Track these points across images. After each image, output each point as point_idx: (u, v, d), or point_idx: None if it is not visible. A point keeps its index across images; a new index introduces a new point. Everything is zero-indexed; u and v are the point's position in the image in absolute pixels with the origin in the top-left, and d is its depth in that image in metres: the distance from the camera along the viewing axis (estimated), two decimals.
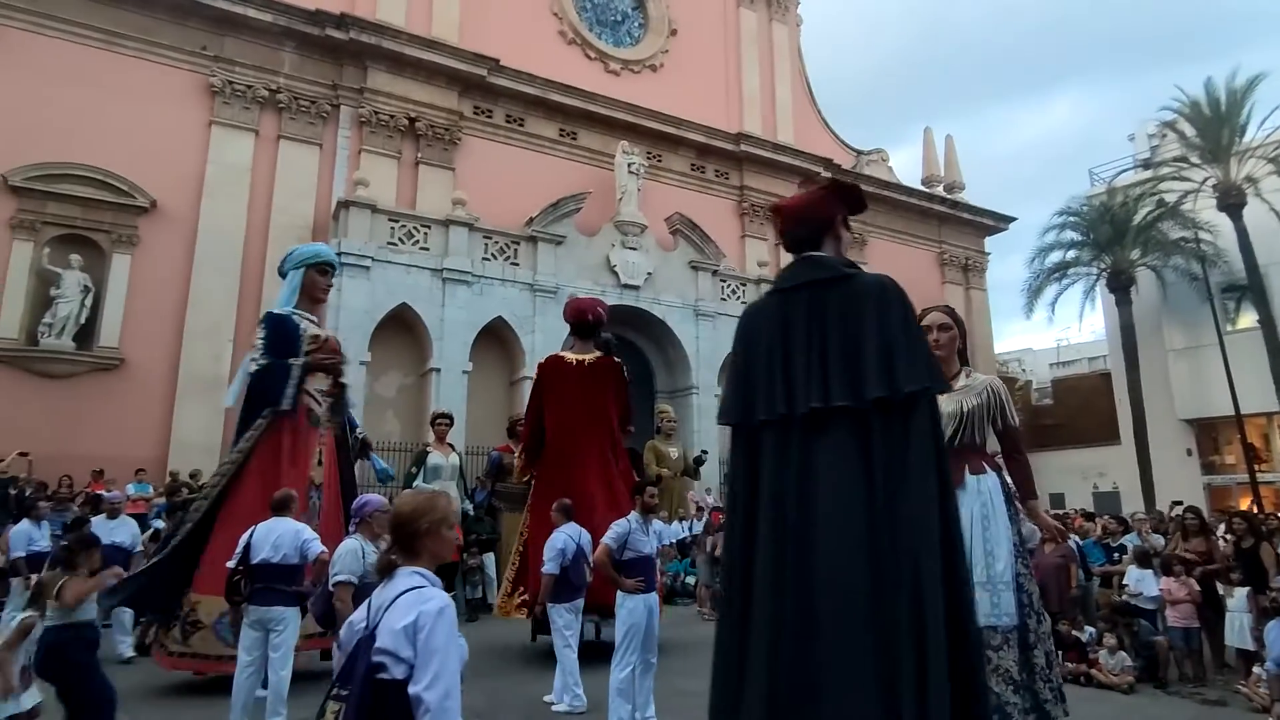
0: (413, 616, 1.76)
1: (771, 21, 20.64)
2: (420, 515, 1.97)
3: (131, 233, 12.36)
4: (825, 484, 2.23)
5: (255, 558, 4.53)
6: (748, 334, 2.56)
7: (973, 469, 3.50)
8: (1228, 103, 18.51)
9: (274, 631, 4.51)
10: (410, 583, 1.88)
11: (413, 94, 14.81)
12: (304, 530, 4.74)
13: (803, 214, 2.62)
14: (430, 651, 1.73)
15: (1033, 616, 3.37)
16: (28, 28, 12.16)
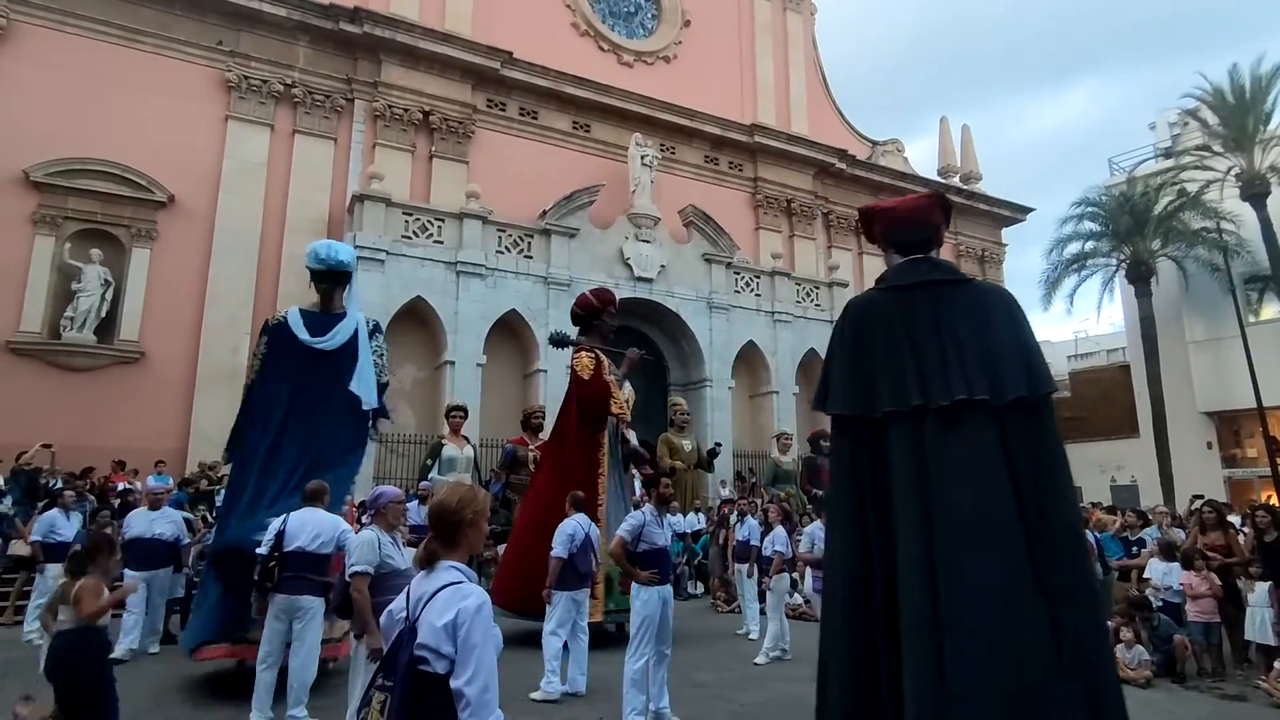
0: (452, 614, 1.82)
1: (785, 11, 20.48)
2: (465, 506, 2.01)
3: (150, 227, 12.50)
4: (971, 477, 2.27)
5: (289, 545, 4.55)
6: (862, 327, 2.58)
7: None
8: (1252, 90, 18.15)
9: (299, 621, 4.52)
10: (448, 578, 1.92)
11: (426, 87, 14.84)
12: (341, 521, 4.79)
13: (917, 219, 2.78)
14: (470, 647, 1.79)
15: None
16: (49, 25, 12.29)
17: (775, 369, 16.43)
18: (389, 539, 4.05)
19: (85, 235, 12.14)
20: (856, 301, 2.69)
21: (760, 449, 15.49)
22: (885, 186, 20.87)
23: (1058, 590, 2.18)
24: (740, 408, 16.37)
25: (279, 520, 4.69)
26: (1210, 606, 6.68)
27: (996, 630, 2.10)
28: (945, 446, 2.32)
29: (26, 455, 9.77)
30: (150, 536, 6.76)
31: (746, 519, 8.65)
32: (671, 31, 18.63)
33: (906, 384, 2.40)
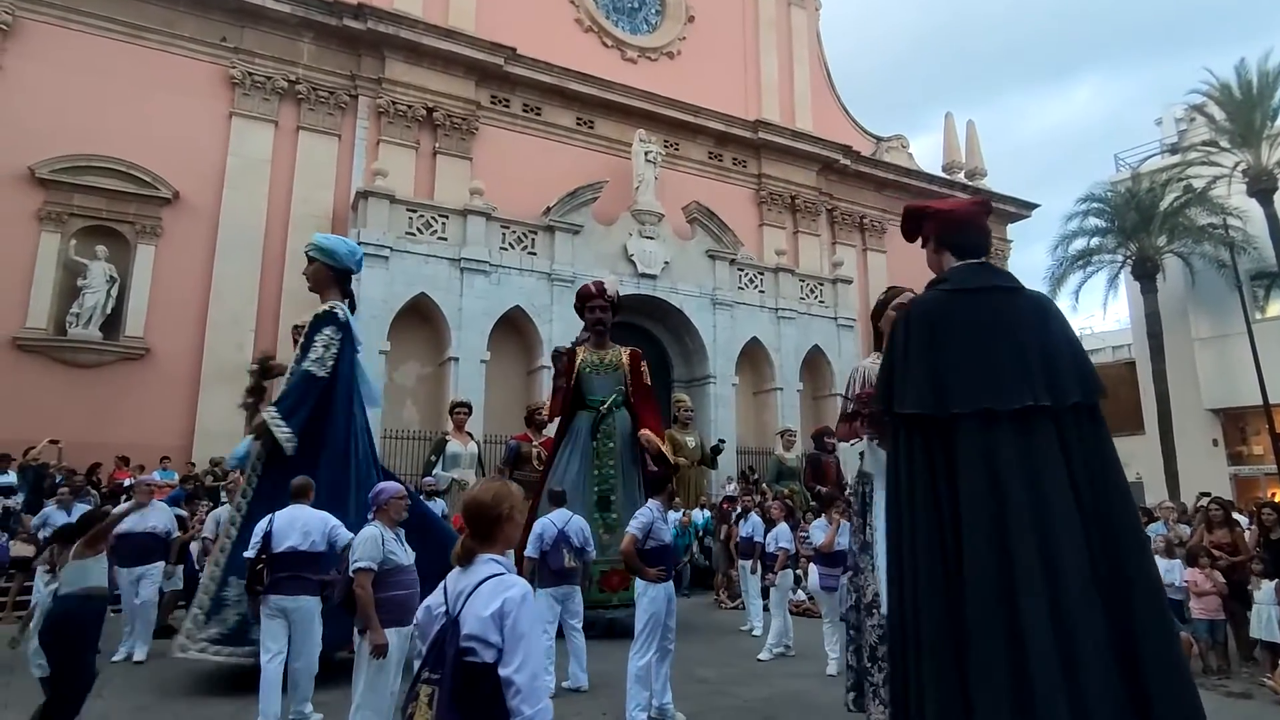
0: (498, 604, 1.85)
1: (790, 7, 20.41)
2: (501, 501, 2.04)
3: (155, 224, 12.54)
4: (1049, 480, 2.34)
5: (279, 546, 4.50)
6: (934, 327, 2.59)
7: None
8: (1260, 85, 18.07)
9: (298, 622, 4.49)
10: (490, 570, 1.96)
11: (430, 84, 14.84)
12: (330, 517, 4.72)
13: (974, 223, 2.83)
14: (517, 636, 1.82)
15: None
16: (53, 22, 12.32)
17: (779, 365, 16.42)
18: (391, 535, 4.06)
19: (90, 232, 12.18)
20: (923, 302, 2.70)
21: (764, 446, 15.48)
22: (890, 183, 20.82)
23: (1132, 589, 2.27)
24: (744, 404, 16.36)
25: (264, 521, 4.62)
26: (1215, 604, 6.67)
27: (1089, 634, 2.20)
28: (1017, 449, 2.39)
29: (34, 451, 9.83)
30: (142, 531, 6.48)
31: (750, 515, 8.65)
32: (675, 27, 18.59)
33: (981, 385, 2.45)
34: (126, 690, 5.42)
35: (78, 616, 3.79)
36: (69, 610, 3.76)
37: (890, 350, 2.64)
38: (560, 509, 5.75)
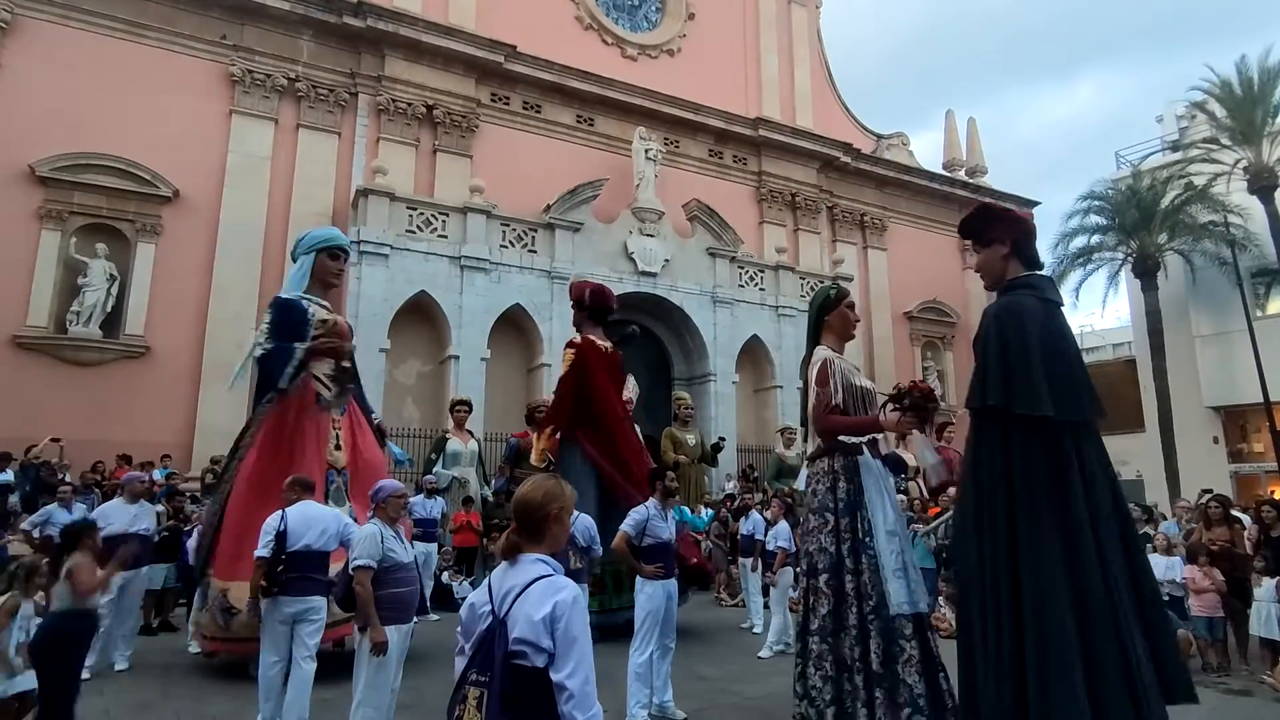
0: (549, 607, 1.83)
1: (790, 4, 20.39)
2: (551, 500, 2.02)
3: (155, 222, 12.53)
4: (1103, 484, 2.66)
5: (294, 545, 4.36)
6: (1034, 332, 2.74)
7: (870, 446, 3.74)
8: (1261, 82, 18.03)
9: (307, 623, 4.36)
10: (539, 570, 1.93)
11: (430, 81, 14.82)
12: (342, 515, 4.64)
13: (1036, 236, 3.10)
14: (569, 640, 1.81)
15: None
16: (53, 20, 12.30)
17: (779, 363, 16.42)
18: (391, 532, 4.06)
19: (91, 230, 12.18)
20: (1027, 307, 2.81)
21: (764, 443, 15.48)
22: (890, 181, 20.80)
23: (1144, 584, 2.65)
24: (744, 402, 16.37)
25: (275, 518, 4.44)
26: (1214, 601, 6.67)
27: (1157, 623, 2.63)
28: (1095, 457, 2.69)
29: (35, 450, 9.84)
30: (134, 532, 6.03)
31: (751, 513, 8.65)
32: (676, 25, 18.56)
33: (1079, 395, 2.69)
34: (130, 687, 5.43)
35: (68, 632, 3.78)
36: (60, 626, 3.75)
37: (1005, 349, 2.70)
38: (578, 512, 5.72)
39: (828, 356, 3.73)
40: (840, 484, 3.58)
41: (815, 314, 3.92)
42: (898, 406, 3.37)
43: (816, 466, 3.68)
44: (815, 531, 3.58)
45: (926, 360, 20.46)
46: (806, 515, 3.69)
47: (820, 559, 3.51)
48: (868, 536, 3.46)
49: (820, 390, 3.61)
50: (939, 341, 20.76)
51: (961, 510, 2.81)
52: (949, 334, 20.87)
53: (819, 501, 3.60)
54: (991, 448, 2.69)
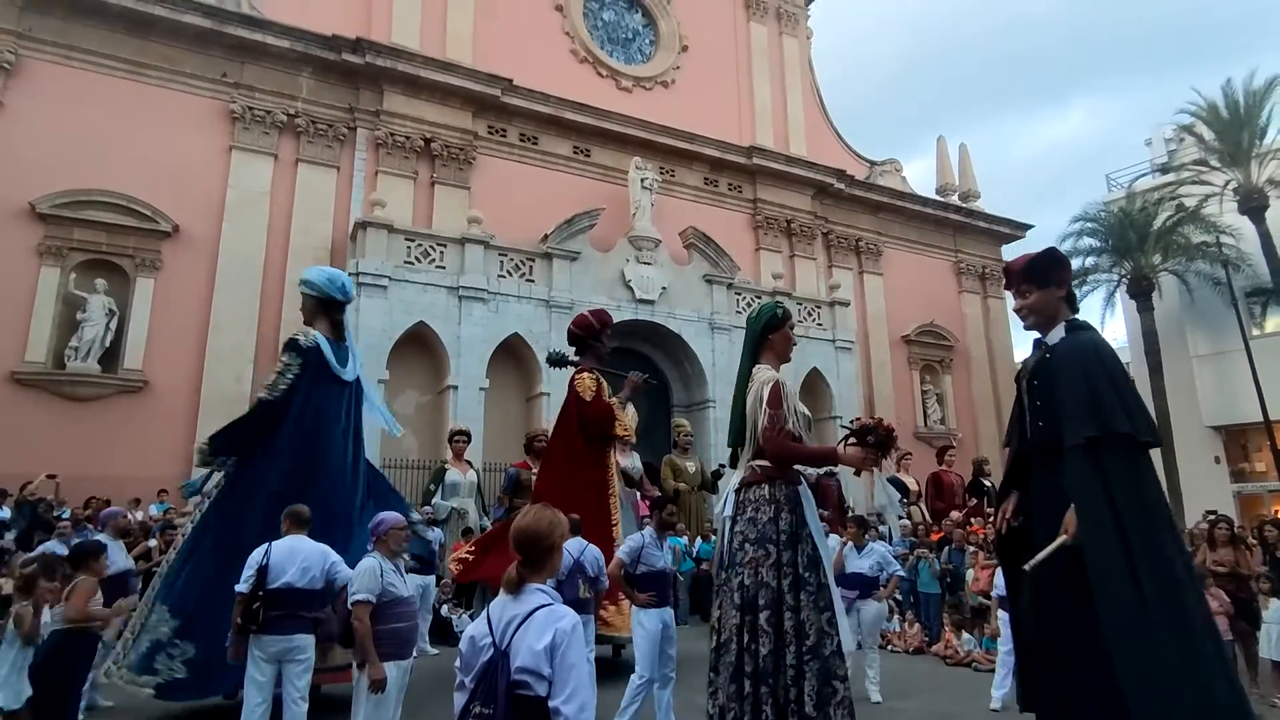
0: (550, 636, 1.85)
1: (782, 35, 20.74)
2: (555, 529, 2.05)
3: (155, 257, 12.60)
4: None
5: (275, 581, 4.16)
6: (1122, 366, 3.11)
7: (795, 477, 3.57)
8: (1246, 105, 18.30)
9: (294, 663, 4.19)
10: (539, 600, 1.96)
11: (428, 115, 15.01)
12: (330, 552, 4.42)
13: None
14: (567, 668, 1.83)
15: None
16: (56, 60, 12.49)
17: None
18: (391, 566, 4.02)
19: (90, 266, 12.23)
20: (1106, 343, 3.12)
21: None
22: (885, 206, 20.99)
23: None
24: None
25: (259, 552, 4.24)
26: (1222, 625, 6.59)
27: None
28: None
29: (31, 486, 9.77)
30: (124, 570, 5.83)
31: None
32: (669, 57, 18.86)
33: (1151, 422, 2.96)
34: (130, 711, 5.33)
35: (69, 651, 3.75)
36: (60, 645, 3.72)
37: (1113, 380, 2.88)
38: (575, 538, 5.67)
39: (779, 378, 3.52)
40: (784, 514, 3.36)
41: (759, 331, 3.70)
42: (859, 442, 3.27)
43: (754, 494, 3.43)
44: (755, 564, 3.33)
45: (925, 384, 20.46)
46: (743, 545, 3.39)
47: (761, 594, 3.27)
48: (807, 571, 3.27)
49: (774, 413, 3.40)
50: (937, 365, 20.78)
51: (1096, 536, 2.75)
52: (947, 357, 20.89)
53: (759, 532, 3.35)
54: (1119, 474, 2.76)
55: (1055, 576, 2.85)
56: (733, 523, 3.46)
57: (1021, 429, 3.25)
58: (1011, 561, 3.24)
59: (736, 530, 3.42)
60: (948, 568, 9.52)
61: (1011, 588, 3.40)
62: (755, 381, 3.52)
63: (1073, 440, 2.83)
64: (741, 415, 3.52)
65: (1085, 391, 2.85)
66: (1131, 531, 2.67)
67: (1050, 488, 2.97)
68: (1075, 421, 2.83)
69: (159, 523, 9.23)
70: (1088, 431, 2.80)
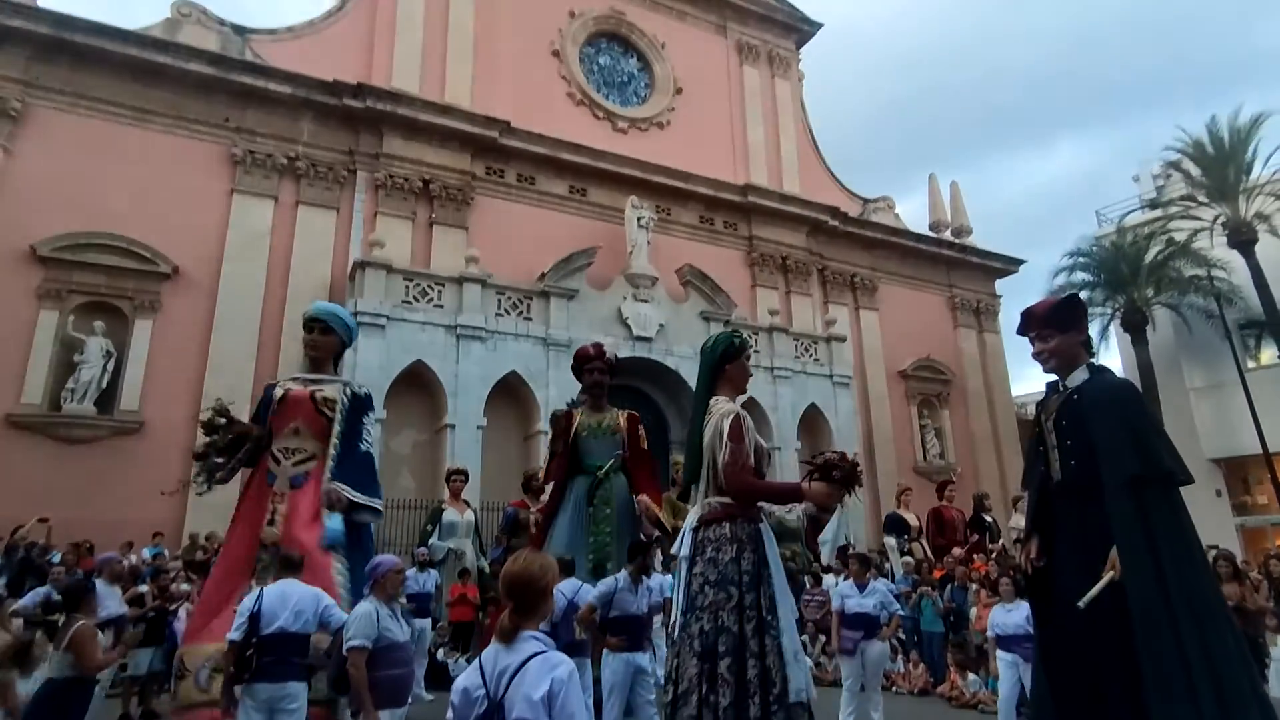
0: (547, 685, 1.82)
1: (774, 78, 21.18)
2: (548, 573, 2.02)
3: (154, 298, 12.65)
4: None
5: (268, 627, 4.04)
6: None
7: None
8: (1231, 141, 18.64)
9: (285, 711, 4.05)
10: (533, 647, 1.92)
11: (426, 157, 15.24)
12: (323, 595, 4.30)
13: None
14: (566, 716, 1.81)
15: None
16: (62, 107, 12.70)
17: (776, 425, 16.38)
18: (388, 610, 3.96)
19: (89, 308, 12.27)
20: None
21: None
22: (879, 242, 21.21)
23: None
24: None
25: (251, 598, 4.15)
26: None
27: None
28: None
29: (22, 530, 9.64)
30: (118, 616, 5.73)
31: None
32: (664, 99, 19.23)
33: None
34: None
35: (65, 702, 3.67)
36: (57, 695, 3.64)
37: (1152, 421, 3.11)
38: (569, 579, 5.60)
39: (739, 410, 3.35)
40: (746, 554, 3.15)
41: (716, 361, 3.57)
42: (823, 478, 3.13)
43: (714, 532, 3.23)
44: (715, 608, 3.10)
45: (923, 418, 20.44)
46: (702, 588, 3.16)
47: (722, 640, 3.03)
48: (770, 615, 3.06)
49: (736, 447, 3.22)
50: (935, 400, 20.78)
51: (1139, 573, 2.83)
52: (944, 392, 20.91)
53: (720, 573, 3.14)
54: (1161, 511, 2.91)
55: (1093, 612, 2.90)
56: (690, 564, 3.24)
57: (1041, 469, 3.31)
58: (1041, 600, 3.31)
59: (695, 572, 3.21)
60: (951, 606, 9.40)
61: (1040, 626, 3.39)
62: (714, 414, 3.35)
63: (1117, 479, 2.91)
64: (698, 449, 3.33)
65: (1127, 431, 2.96)
66: (1171, 567, 2.81)
67: (1085, 524, 3.04)
68: (1118, 460, 2.92)
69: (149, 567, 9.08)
70: (1132, 470, 2.90)
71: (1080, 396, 3.16)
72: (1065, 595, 2.99)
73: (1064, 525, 3.18)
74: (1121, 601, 2.82)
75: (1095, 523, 2.98)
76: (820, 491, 3.14)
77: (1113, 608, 2.84)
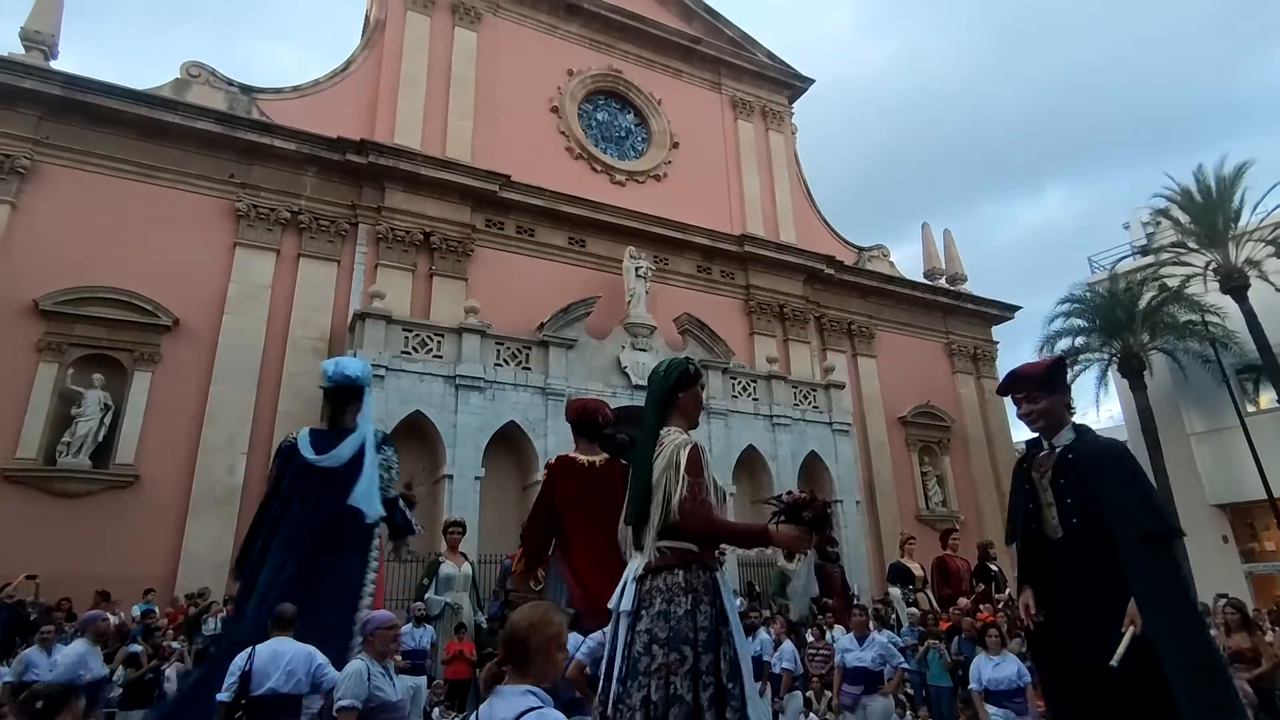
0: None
1: (768, 132, 21.68)
2: (536, 630, 1.96)
3: (154, 351, 12.68)
4: None
5: (259, 687, 3.97)
6: None
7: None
8: (1218, 189, 18.98)
9: None
10: (526, 703, 1.85)
11: (427, 210, 15.48)
12: (316, 654, 4.21)
13: None
14: None
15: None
16: (70, 164, 12.94)
17: (776, 473, 16.26)
18: (379, 669, 3.86)
19: (88, 360, 12.28)
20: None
21: (765, 556, 15.05)
22: (875, 290, 21.40)
23: None
24: (743, 514, 16.04)
25: (243, 656, 4.06)
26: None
27: None
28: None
29: (9, 588, 9.48)
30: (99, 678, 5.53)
31: (759, 632, 8.29)
32: (661, 153, 19.64)
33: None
34: None
35: None
36: None
37: (1148, 482, 3.22)
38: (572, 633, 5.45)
39: (695, 441, 3.00)
40: (703, 607, 2.70)
41: (669, 389, 3.18)
42: (790, 519, 2.82)
43: (665, 581, 2.77)
44: (666, 671, 2.60)
45: (925, 465, 20.30)
46: (649, 648, 2.69)
47: (674, 713, 2.53)
48: (731, 682, 2.60)
49: (695, 481, 2.82)
50: (936, 446, 20.67)
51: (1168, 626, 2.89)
52: (945, 438, 20.82)
53: (671, 630, 2.66)
54: (1174, 568, 3.06)
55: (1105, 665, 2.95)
56: (633, 619, 2.78)
57: (1027, 524, 3.36)
58: (1044, 656, 3.35)
59: (640, 629, 2.73)
60: (959, 659, 9.17)
61: (1050, 681, 3.38)
62: (666, 445, 2.95)
63: (1131, 535, 2.99)
64: (645, 487, 2.88)
65: (1135, 490, 3.08)
66: (1184, 617, 2.92)
67: (1093, 580, 3.08)
68: (1130, 517, 3.02)
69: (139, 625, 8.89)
70: (1145, 526, 2.99)
71: (1076, 456, 3.24)
72: (1080, 652, 3.00)
73: (1067, 581, 3.18)
74: (1141, 654, 2.84)
75: (1104, 577, 3.00)
76: (788, 535, 2.81)
77: (1133, 660, 2.85)
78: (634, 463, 3.04)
